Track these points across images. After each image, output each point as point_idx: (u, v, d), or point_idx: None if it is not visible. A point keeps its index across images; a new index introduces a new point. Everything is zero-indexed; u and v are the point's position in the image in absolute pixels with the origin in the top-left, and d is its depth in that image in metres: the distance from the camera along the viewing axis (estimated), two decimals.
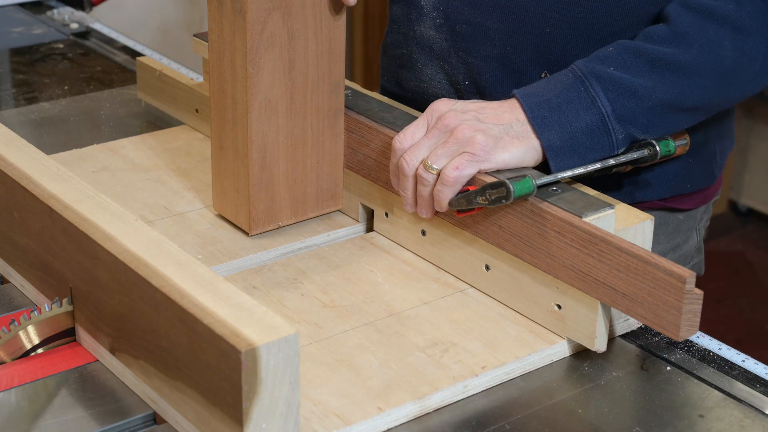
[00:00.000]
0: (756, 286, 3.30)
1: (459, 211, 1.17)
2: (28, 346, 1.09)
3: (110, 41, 1.98)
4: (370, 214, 1.34)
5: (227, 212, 1.31)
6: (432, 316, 1.16)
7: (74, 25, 2.04)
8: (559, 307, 1.12)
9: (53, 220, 1.09)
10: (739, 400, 1.07)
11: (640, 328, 1.16)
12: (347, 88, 1.35)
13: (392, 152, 1.21)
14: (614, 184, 1.32)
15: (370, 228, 1.34)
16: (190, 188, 1.40)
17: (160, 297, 0.96)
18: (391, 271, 1.25)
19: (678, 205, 1.37)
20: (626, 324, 1.15)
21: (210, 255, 1.26)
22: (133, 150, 1.50)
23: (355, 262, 1.26)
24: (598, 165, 1.19)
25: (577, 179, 1.18)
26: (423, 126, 1.19)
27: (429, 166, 1.16)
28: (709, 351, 1.14)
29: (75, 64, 1.88)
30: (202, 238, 1.29)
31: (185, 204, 1.37)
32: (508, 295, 1.18)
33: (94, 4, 2.15)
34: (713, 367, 1.11)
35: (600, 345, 1.11)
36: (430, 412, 1.04)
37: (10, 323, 1.09)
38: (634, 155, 1.21)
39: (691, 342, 1.15)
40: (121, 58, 1.90)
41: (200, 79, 1.68)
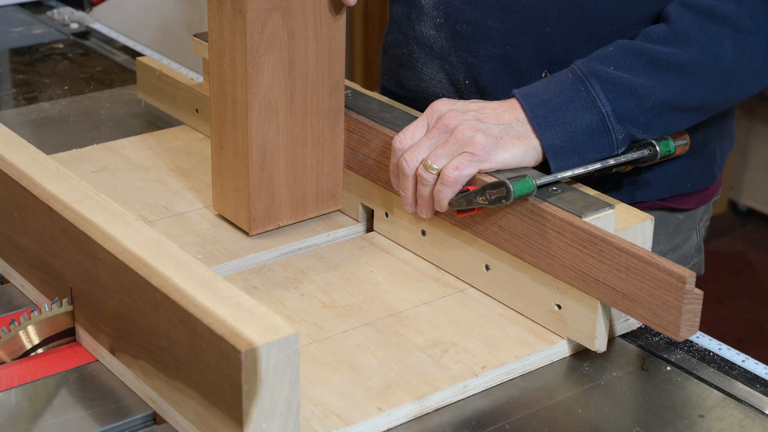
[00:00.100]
0: (756, 286, 3.30)
1: (459, 211, 1.17)
2: (28, 346, 1.09)
3: (110, 41, 1.98)
4: (370, 214, 1.34)
5: (227, 212, 1.31)
6: (432, 316, 1.16)
7: (74, 25, 2.04)
8: (559, 307, 1.12)
9: (53, 220, 1.09)
10: (739, 400, 1.06)
11: (640, 328, 1.16)
12: (347, 88, 1.35)
13: (392, 152, 1.21)
14: (614, 184, 1.32)
15: (370, 228, 1.34)
16: (190, 188, 1.40)
17: (160, 297, 0.96)
18: (391, 271, 1.25)
19: (678, 205, 1.37)
20: (626, 324, 1.15)
21: (210, 255, 1.26)
22: (133, 150, 1.50)
23: (355, 262, 1.26)
24: (598, 165, 1.19)
25: (577, 179, 1.18)
26: (423, 126, 1.19)
27: (429, 166, 1.16)
28: (709, 351, 1.14)
29: (75, 64, 1.88)
30: (202, 238, 1.29)
31: (185, 204, 1.36)
32: (508, 295, 1.18)
33: (94, 4, 2.15)
34: (713, 367, 1.11)
35: (600, 345, 1.11)
36: (430, 412, 1.04)
37: (10, 323, 1.09)
38: (634, 155, 1.21)
39: (691, 342, 1.15)
40: (121, 58, 1.90)
41: (200, 79, 1.68)
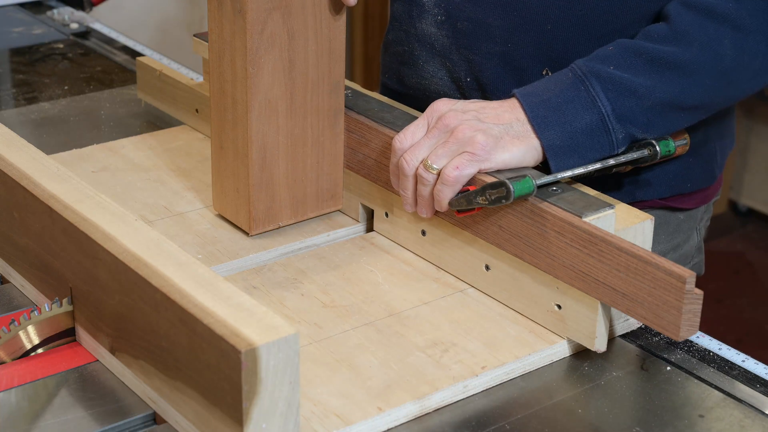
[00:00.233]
0: (756, 286, 3.30)
1: (459, 211, 1.17)
2: (28, 346, 1.09)
3: (110, 41, 1.98)
4: (370, 214, 1.34)
5: (227, 212, 1.31)
6: (432, 316, 1.16)
7: (74, 25, 2.04)
8: (559, 307, 1.12)
9: (53, 220, 1.09)
10: (739, 400, 1.06)
11: (640, 328, 1.16)
12: (347, 88, 1.35)
13: (392, 152, 1.21)
14: (614, 183, 1.32)
15: (370, 228, 1.34)
16: (190, 188, 1.40)
17: (160, 297, 0.96)
18: (391, 271, 1.25)
19: (678, 204, 1.37)
20: (626, 324, 1.15)
21: (210, 255, 1.26)
22: (133, 150, 1.50)
23: (355, 262, 1.26)
24: (598, 165, 1.19)
25: (577, 179, 1.18)
26: (423, 126, 1.19)
27: (429, 166, 1.16)
28: (709, 351, 1.14)
29: (75, 64, 1.88)
30: (202, 238, 1.29)
31: (185, 204, 1.36)
32: (508, 295, 1.18)
33: (94, 4, 2.15)
34: (713, 367, 1.11)
35: (600, 345, 1.11)
36: (430, 412, 1.04)
37: (10, 323, 1.09)
38: (634, 155, 1.21)
39: (691, 342, 1.15)
40: (121, 58, 1.90)
41: (200, 79, 1.68)
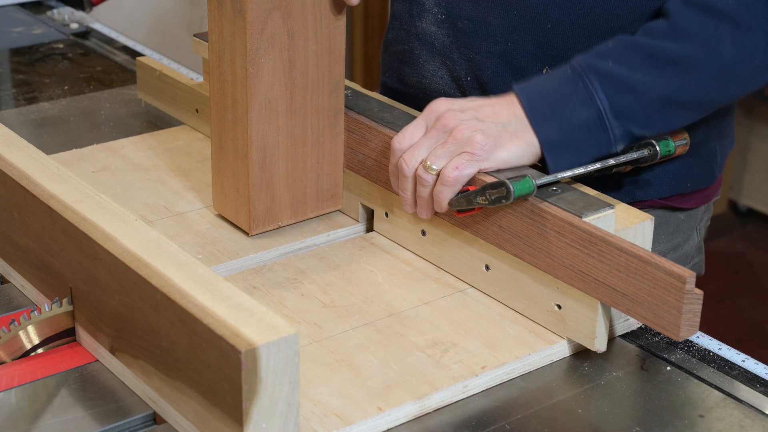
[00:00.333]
0: (756, 286, 3.30)
1: (459, 211, 1.17)
2: (28, 346, 1.09)
3: (110, 41, 1.98)
4: (370, 214, 1.34)
5: (227, 212, 1.31)
6: (432, 316, 1.16)
7: (74, 25, 2.04)
8: (559, 307, 1.12)
9: (53, 220, 1.09)
10: (739, 400, 1.06)
11: (640, 328, 1.16)
12: (347, 88, 1.35)
13: (391, 153, 1.21)
14: (614, 183, 1.31)
15: (370, 228, 1.34)
16: (190, 188, 1.40)
17: (160, 297, 0.96)
18: (391, 271, 1.25)
19: (679, 204, 1.37)
20: (626, 324, 1.15)
21: (210, 255, 1.26)
22: (133, 150, 1.50)
23: (355, 262, 1.26)
24: (598, 165, 1.19)
25: (577, 179, 1.18)
26: (422, 126, 1.19)
27: (428, 166, 1.16)
28: (709, 351, 1.14)
29: (75, 64, 1.88)
30: (202, 238, 1.29)
31: (185, 204, 1.36)
32: (508, 295, 1.18)
33: (94, 4, 2.15)
34: (713, 367, 1.11)
35: (600, 345, 1.11)
36: (430, 412, 1.04)
37: (10, 323, 1.09)
38: (634, 155, 1.21)
39: (691, 342, 1.15)
40: (121, 58, 1.90)
41: (200, 79, 1.68)
